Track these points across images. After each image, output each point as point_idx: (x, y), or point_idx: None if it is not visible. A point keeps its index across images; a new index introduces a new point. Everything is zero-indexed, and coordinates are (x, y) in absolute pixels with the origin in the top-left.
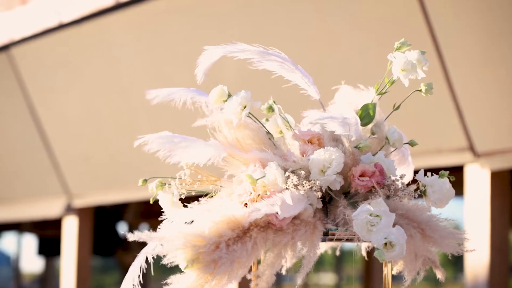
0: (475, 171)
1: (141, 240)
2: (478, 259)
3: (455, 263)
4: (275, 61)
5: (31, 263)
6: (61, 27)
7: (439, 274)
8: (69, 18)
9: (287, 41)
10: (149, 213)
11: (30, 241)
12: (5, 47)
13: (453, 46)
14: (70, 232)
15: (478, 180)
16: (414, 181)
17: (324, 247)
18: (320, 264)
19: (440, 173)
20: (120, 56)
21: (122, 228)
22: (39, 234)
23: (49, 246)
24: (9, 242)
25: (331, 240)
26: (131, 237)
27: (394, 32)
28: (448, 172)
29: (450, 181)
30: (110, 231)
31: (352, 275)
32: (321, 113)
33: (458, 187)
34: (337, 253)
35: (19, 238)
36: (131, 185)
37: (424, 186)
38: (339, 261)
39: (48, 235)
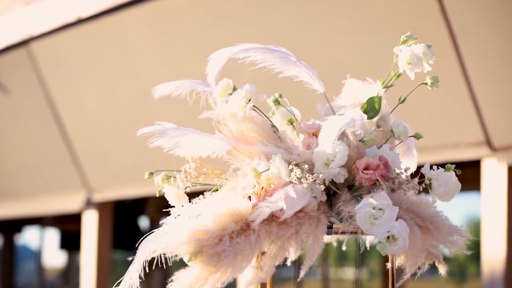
0: (492, 165)
1: (148, 240)
2: (494, 253)
3: (479, 258)
4: (279, 57)
5: (54, 257)
6: (80, 22)
7: (442, 270)
8: (87, 13)
9: (302, 37)
10: (170, 207)
11: (52, 236)
12: (25, 42)
13: (470, 41)
14: (90, 226)
15: (495, 174)
16: (420, 175)
17: (328, 239)
18: (343, 258)
19: (446, 166)
20: (138, 50)
21: (143, 222)
22: (61, 228)
23: (71, 241)
24: (32, 237)
25: (335, 233)
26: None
27: (411, 28)
28: (454, 165)
29: (457, 175)
30: (132, 225)
31: (356, 270)
32: (333, 129)
33: (475, 181)
34: (344, 248)
35: (41, 233)
36: (151, 180)
37: (430, 180)
38: (363, 256)
39: (70, 229)
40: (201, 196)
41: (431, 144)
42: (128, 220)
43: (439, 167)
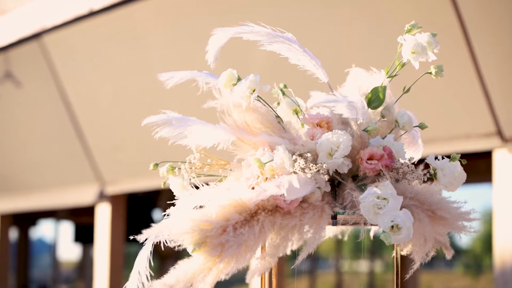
0: (504, 156)
1: (152, 231)
2: (506, 244)
3: None
4: (282, 43)
5: (69, 250)
6: (92, 14)
7: (448, 254)
8: (99, 6)
9: (313, 28)
10: None
11: (67, 229)
12: (37, 35)
13: (481, 31)
14: (103, 219)
15: (507, 165)
16: (425, 164)
17: (333, 232)
18: (359, 251)
19: (451, 156)
20: (150, 43)
21: (157, 215)
22: (75, 221)
23: (85, 233)
24: (47, 230)
25: (341, 224)
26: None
27: (421, 18)
28: (459, 155)
29: (463, 165)
30: (145, 218)
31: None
32: (326, 95)
33: (486, 172)
34: (345, 237)
35: (56, 226)
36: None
37: (435, 170)
38: (377, 248)
39: (83, 222)
40: (205, 186)
41: (442, 135)
42: (142, 213)
43: (444, 157)
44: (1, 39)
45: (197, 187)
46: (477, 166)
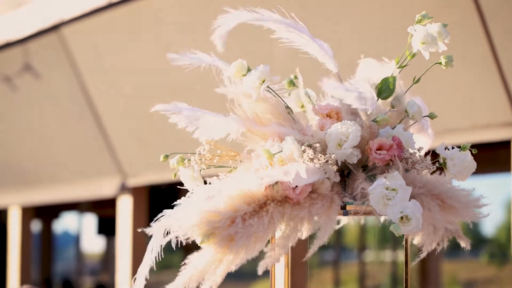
0: None
1: (162, 224)
2: None
3: None
4: (293, 33)
5: (93, 243)
6: (111, 6)
7: (463, 243)
8: None
9: (333, 22)
10: None
11: (90, 221)
12: (56, 27)
13: (500, 21)
14: (125, 211)
15: None
16: (436, 154)
17: (345, 220)
18: (385, 241)
19: (461, 145)
20: (169, 34)
21: None
22: (98, 213)
23: (109, 226)
24: (70, 222)
25: (352, 214)
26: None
27: (439, 8)
28: (470, 144)
29: (473, 154)
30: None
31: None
32: (337, 84)
33: (506, 162)
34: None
35: (79, 218)
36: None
37: (444, 159)
38: (401, 238)
39: (107, 214)
40: (214, 177)
41: (461, 125)
42: (164, 205)
43: (454, 147)
44: (20, 31)
45: (205, 182)
46: (497, 156)
